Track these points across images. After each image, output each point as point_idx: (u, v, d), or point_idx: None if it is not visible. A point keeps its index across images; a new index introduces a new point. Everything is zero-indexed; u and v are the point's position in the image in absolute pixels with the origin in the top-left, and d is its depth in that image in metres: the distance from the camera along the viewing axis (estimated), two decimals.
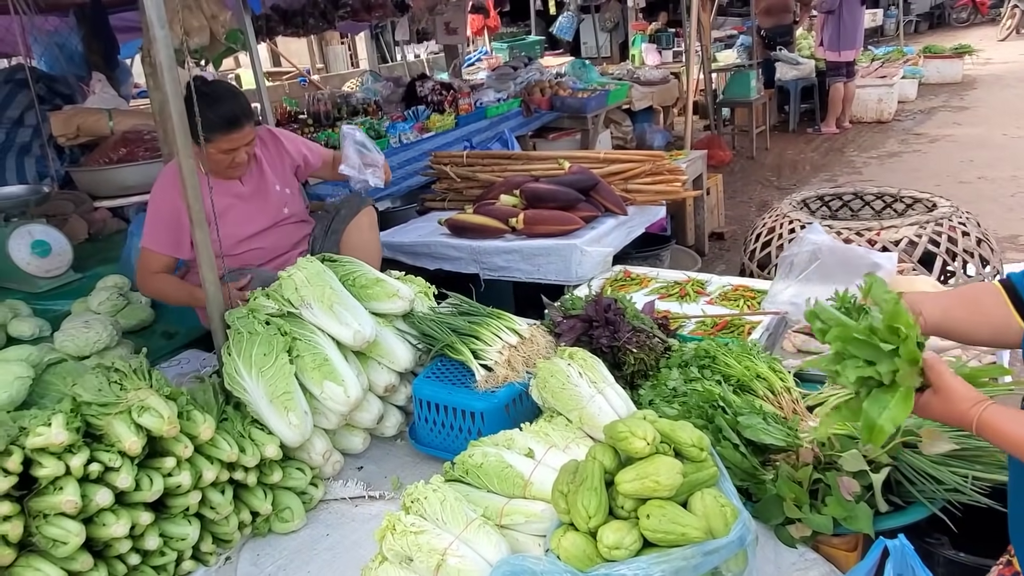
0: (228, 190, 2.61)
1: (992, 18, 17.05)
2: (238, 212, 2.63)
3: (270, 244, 2.72)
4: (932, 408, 1.20)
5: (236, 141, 2.46)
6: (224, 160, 2.49)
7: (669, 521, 1.27)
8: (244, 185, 2.65)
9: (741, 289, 2.73)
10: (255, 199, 2.68)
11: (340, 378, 1.89)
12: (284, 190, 2.76)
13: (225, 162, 2.51)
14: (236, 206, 2.63)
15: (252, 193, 2.68)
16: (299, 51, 13.06)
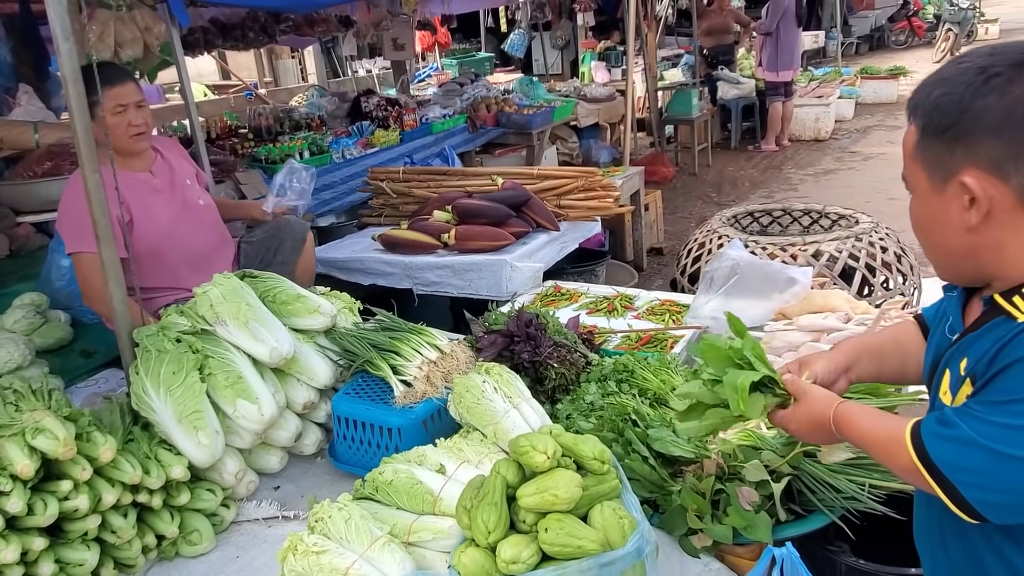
0: (143, 184, 2.63)
1: (928, 41, 17.75)
2: (155, 203, 2.65)
3: (191, 239, 2.71)
4: (799, 416, 1.25)
5: (123, 96, 2.48)
6: (120, 123, 2.50)
7: (566, 534, 1.28)
8: (155, 177, 2.69)
9: (668, 304, 2.78)
10: (168, 189, 2.72)
11: (254, 396, 1.86)
12: (194, 186, 2.80)
13: (122, 125, 2.50)
14: (151, 198, 2.65)
15: (164, 184, 2.71)
16: (248, 65, 12.91)
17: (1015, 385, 0.92)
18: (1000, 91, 0.92)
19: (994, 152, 0.93)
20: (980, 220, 0.97)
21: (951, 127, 0.96)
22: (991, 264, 1.00)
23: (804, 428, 1.26)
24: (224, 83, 11.93)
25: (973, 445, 0.95)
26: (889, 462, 1.10)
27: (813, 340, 2.18)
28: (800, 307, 2.36)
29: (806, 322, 2.26)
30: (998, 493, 0.95)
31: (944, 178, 0.99)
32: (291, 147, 5.15)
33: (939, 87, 0.98)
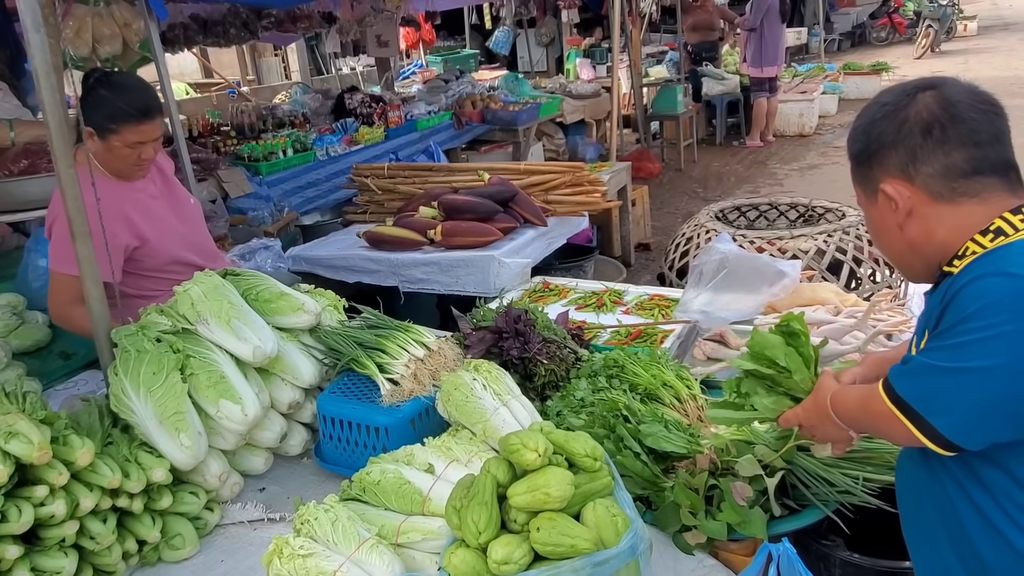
0: (141, 189, 2.46)
1: (909, 37, 17.90)
2: (157, 210, 2.48)
3: (193, 237, 2.56)
4: (809, 401, 1.32)
5: (146, 134, 2.30)
6: (130, 156, 2.32)
7: (559, 533, 1.26)
8: (149, 183, 2.51)
9: (657, 299, 2.76)
10: (165, 196, 2.55)
11: (237, 396, 1.81)
12: (184, 188, 2.67)
13: (131, 158, 2.33)
14: (152, 206, 2.48)
15: (161, 191, 2.55)
16: (231, 63, 12.78)
17: (957, 310, 1.06)
18: (890, 116, 1.19)
19: (896, 160, 1.17)
20: (905, 218, 1.18)
21: (865, 150, 1.23)
22: (930, 252, 1.19)
23: (814, 418, 1.31)
24: (207, 81, 11.82)
25: (930, 371, 1.08)
26: (875, 422, 1.20)
27: None
28: (789, 300, 2.35)
29: None
30: (962, 412, 1.06)
31: (872, 191, 1.23)
32: (274, 144, 5.10)
33: (855, 123, 1.27)
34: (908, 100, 1.17)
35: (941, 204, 1.16)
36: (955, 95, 1.15)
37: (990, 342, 1.03)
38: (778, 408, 1.35)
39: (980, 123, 1.14)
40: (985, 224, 1.13)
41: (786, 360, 1.34)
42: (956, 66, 14.27)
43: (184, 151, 3.32)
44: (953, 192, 1.15)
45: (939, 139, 1.14)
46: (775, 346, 1.35)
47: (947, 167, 1.14)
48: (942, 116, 1.14)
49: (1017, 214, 1.12)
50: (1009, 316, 1.02)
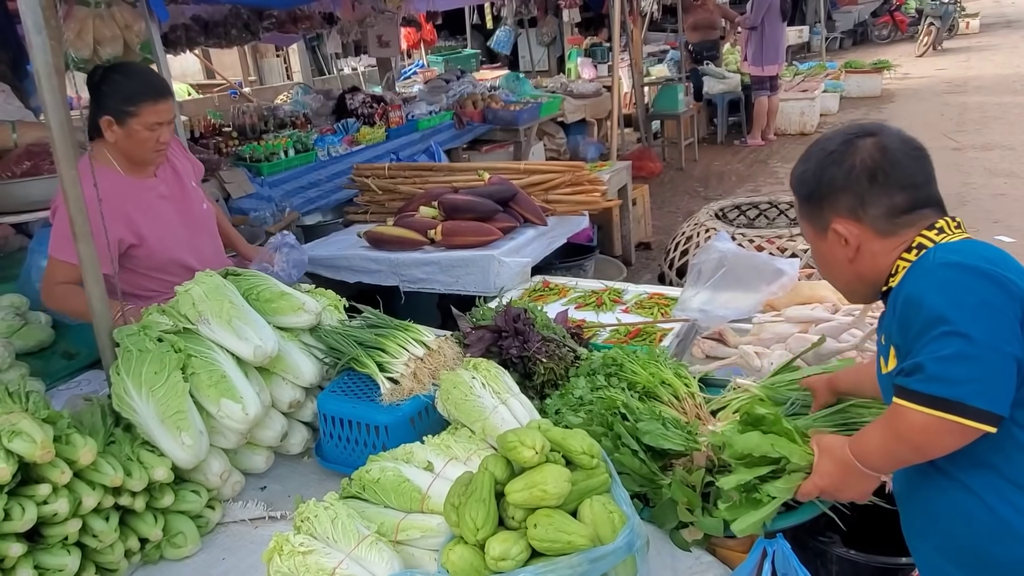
0: (149, 191, 2.47)
1: (911, 35, 17.89)
2: (164, 210, 2.48)
3: (194, 245, 2.55)
4: (824, 466, 1.32)
5: (162, 114, 2.33)
6: (148, 139, 2.33)
7: (556, 530, 1.27)
8: (162, 182, 2.52)
9: (656, 297, 2.77)
10: (176, 199, 2.55)
11: (238, 395, 1.83)
12: (197, 188, 2.65)
13: (149, 141, 2.34)
14: (159, 205, 2.48)
15: (171, 190, 2.55)
16: (233, 64, 12.81)
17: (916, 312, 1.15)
18: (838, 163, 1.31)
19: (846, 203, 1.30)
20: (855, 253, 1.32)
21: (814, 192, 1.35)
22: (874, 279, 1.33)
23: (837, 479, 1.31)
24: (209, 82, 11.84)
25: (949, 361, 1.10)
26: (916, 442, 1.17)
27: (801, 331, 2.18)
28: (788, 298, 2.35)
29: (794, 313, 2.26)
30: (994, 381, 1.10)
31: (822, 228, 1.35)
32: (276, 145, 5.11)
33: (801, 166, 1.39)
34: (852, 148, 1.30)
35: (885, 239, 1.30)
36: (891, 143, 1.29)
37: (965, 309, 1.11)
38: (792, 485, 1.33)
39: (915, 167, 1.29)
40: (909, 243, 1.28)
41: (777, 450, 1.33)
42: (958, 63, 14.27)
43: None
44: (895, 227, 1.29)
45: (883, 184, 1.28)
46: (759, 444, 1.34)
47: (890, 208, 1.28)
48: (884, 163, 1.28)
49: (932, 230, 1.27)
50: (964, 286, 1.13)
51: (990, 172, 7.09)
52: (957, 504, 1.23)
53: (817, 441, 1.33)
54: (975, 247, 1.22)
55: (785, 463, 1.29)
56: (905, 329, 1.18)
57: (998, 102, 10.25)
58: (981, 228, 5.68)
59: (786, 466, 1.29)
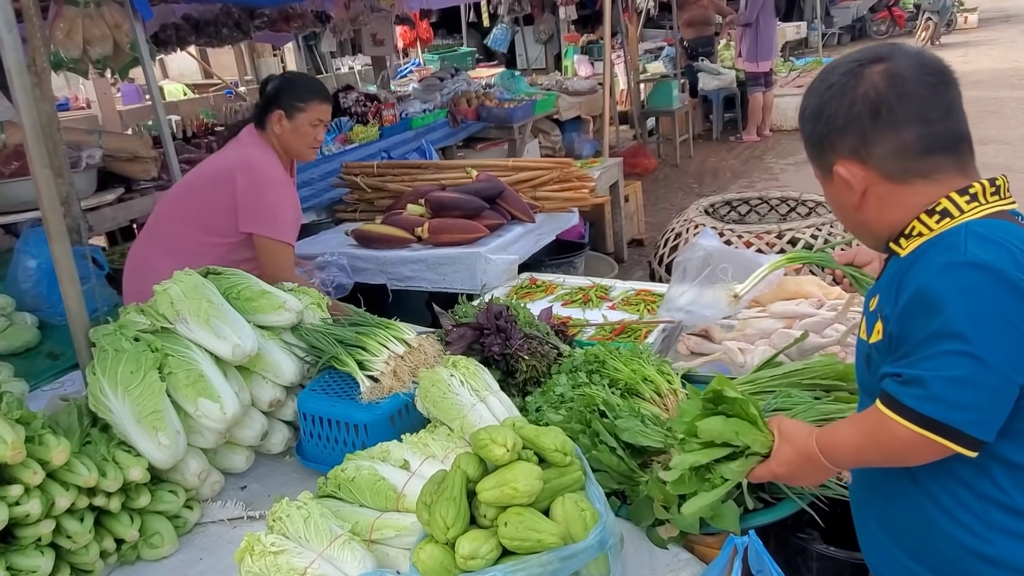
0: None
1: (909, 30, 17.83)
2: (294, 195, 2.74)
3: None
4: (784, 453, 1.23)
5: (325, 113, 2.68)
6: (309, 135, 2.65)
7: (526, 528, 1.26)
8: None
9: (643, 294, 2.76)
10: None
11: (216, 394, 1.82)
12: None
13: (309, 137, 2.66)
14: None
15: None
16: (230, 63, 12.79)
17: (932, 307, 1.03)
18: (838, 98, 1.16)
19: (849, 143, 1.16)
20: (860, 197, 1.18)
21: (815, 132, 1.21)
22: (880, 230, 1.21)
23: (795, 467, 1.22)
24: (206, 82, 11.83)
25: (949, 383, 1.02)
26: (892, 451, 1.10)
27: (785, 327, 2.17)
28: (773, 294, 2.34)
29: (779, 309, 2.25)
30: (987, 409, 1.03)
31: (827, 170, 1.22)
32: None
33: (804, 101, 1.24)
34: (855, 78, 1.14)
35: (894, 184, 1.15)
36: (903, 69, 1.12)
37: (986, 328, 1.00)
38: (746, 468, 1.26)
39: (928, 98, 1.12)
40: (932, 204, 1.12)
41: (740, 439, 1.24)
42: (956, 58, 14.21)
43: (172, 153, 3.32)
44: (906, 173, 1.14)
45: (888, 120, 1.12)
46: (722, 431, 1.25)
47: (898, 148, 1.13)
48: (890, 96, 1.11)
49: (963, 195, 1.11)
50: (991, 300, 1.01)
51: (984, 167, 6.88)
52: (920, 510, 1.18)
53: (778, 425, 1.25)
54: (1011, 238, 1.06)
55: (744, 448, 1.24)
56: (910, 325, 1.07)
57: (994, 97, 10.22)
58: None
59: (744, 450, 1.24)
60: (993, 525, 1.12)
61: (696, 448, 1.25)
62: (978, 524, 1.12)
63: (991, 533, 1.12)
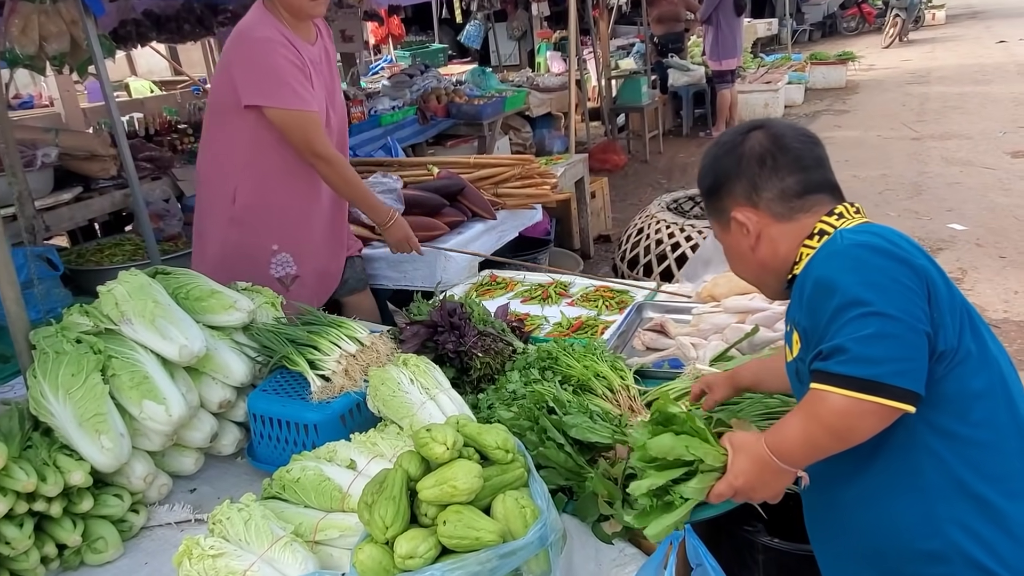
0: (310, 51, 2.54)
1: (878, 27, 18.07)
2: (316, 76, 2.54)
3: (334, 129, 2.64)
4: (740, 464, 1.22)
5: None
6: None
7: (464, 526, 1.25)
8: (317, 52, 2.58)
9: (602, 290, 2.76)
10: (325, 70, 2.62)
11: (161, 396, 1.79)
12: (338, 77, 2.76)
13: None
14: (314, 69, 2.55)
15: (322, 61, 2.62)
16: (200, 60, 12.61)
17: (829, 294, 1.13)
18: (730, 153, 1.34)
19: (741, 189, 1.32)
20: (756, 240, 1.32)
21: (713, 184, 1.37)
22: (778, 267, 1.32)
23: (753, 477, 1.21)
24: (174, 79, 11.65)
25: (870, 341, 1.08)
26: (838, 427, 1.12)
27: (738, 321, 2.18)
28: (727, 288, 2.36)
29: (732, 304, 2.26)
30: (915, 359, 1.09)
31: (725, 221, 1.36)
32: None
33: (702, 162, 1.41)
34: (743, 138, 1.33)
35: (783, 223, 1.30)
36: (780, 130, 1.33)
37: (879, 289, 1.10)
38: (705, 485, 1.23)
39: (803, 151, 1.31)
40: (810, 230, 1.28)
41: (691, 452, 1.23)
42: (923, 54, 14.45)
43: (126, 153, 3.25)
44: (791, 211, 1.29)
45: (772, 167, 1.30)
46: (673, 447, 1.23)
47: (783, 190, 1.29)
48: (772, 147, 1.30)
49: (831, 216, 1.28)
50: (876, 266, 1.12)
51: (947, 161, 7.19)
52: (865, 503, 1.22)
53: (730, 439, 1.25)
54: (877, 229, 1.22)
55: (699, 464, 1.22)
56: (816, 313, 1.15)
57: (959, 92, 10.40)
58: (935, 216, 5.76)
59: (699, 467, 1.22)
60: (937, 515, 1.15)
61: (652, 472, 1.23)
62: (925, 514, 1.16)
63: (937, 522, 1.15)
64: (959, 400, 1.15)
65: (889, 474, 1.19)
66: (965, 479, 1.14)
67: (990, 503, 1.14)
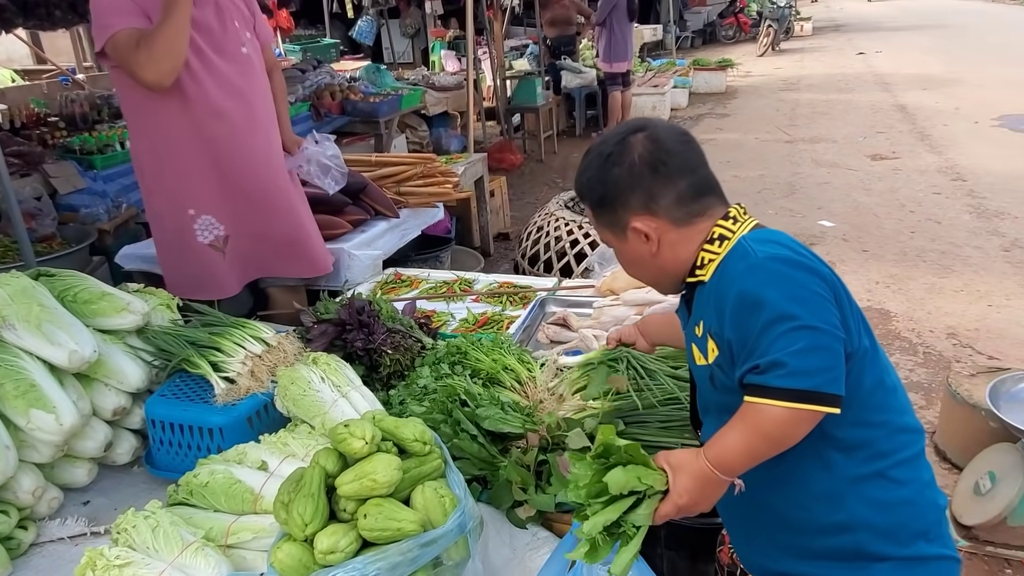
0: None
1: (753, 36, 19.20)
2: None
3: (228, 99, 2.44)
4: (683, 483, 1.23)
5: None
6: None
7: (385, 518, 1.27)
8: (196, 7, 2.33)
9: (506, 286, 2.83)
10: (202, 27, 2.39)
11: (51, 405, 1.69)
12: (244, 33, 2.50)
13: None
14: None
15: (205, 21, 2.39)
16: (67, 48, 11.73)
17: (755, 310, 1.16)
18: (617, 163, 1.32)
19: (638, 199, 1.31)
20: (657, 247, 1.33)
21: (604, 197, 1.35)
22: (677, 270, 1.35)
23: (695, 493, 1.22)
24: (38, 68, 10.78)
25: (803, 353, 1.13)
26: (775, 435, 1.18)
27: (636, 313, 2.30)
28: (626, 282, 2.47)
29: (631, 297, 2.38)
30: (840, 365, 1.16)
31: (621, 229, 1.35)
32: (111, 136, 4.76)
33: (585, 174, 1.38)
34: (626, 146, 1.32)
35: (681, 228, 1.32)
36: (661, 134, 1.33)
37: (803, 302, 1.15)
38: (651, 510, 1.22)
39: (687, 152, 1.33)
40: (708, 234, 1.31)
41: (644, 483, 1.22)
42: (793, 63, 15.49)
43: None
44: (688, 216, 1.32)
45: (665, 173, 1.30)
46: (627, 482, 1.22)
47: (679, 196, 1.31)
48: (659, 153, 1.30)
49: (727, 220, 1.32)
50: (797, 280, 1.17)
51: (816, 163, 7.76)
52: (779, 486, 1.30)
53: (666, 459, 1.25)
54: (777, 236, 1.26)
55: (647, 491, 1.22)
56: (744, 327, 1.18)
57: (825, 99, 11.23)
58: (807, 214, 6.22)
59: (647, 492, 1.22)
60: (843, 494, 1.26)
61: (600, 508, 1.21)
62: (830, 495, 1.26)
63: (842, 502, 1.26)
64: (857, 391, 1.23)
65: (799, 460, 1.26)
66: (861, 456, 1.26)
67: (884, 474, 1.26)
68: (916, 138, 8.57)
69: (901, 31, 20.38)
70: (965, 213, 6.04)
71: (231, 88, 2.46)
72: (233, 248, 2.60)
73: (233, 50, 2.49)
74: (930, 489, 1.31)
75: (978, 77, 12.15)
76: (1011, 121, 9.05)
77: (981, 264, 5.02)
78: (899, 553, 1.27)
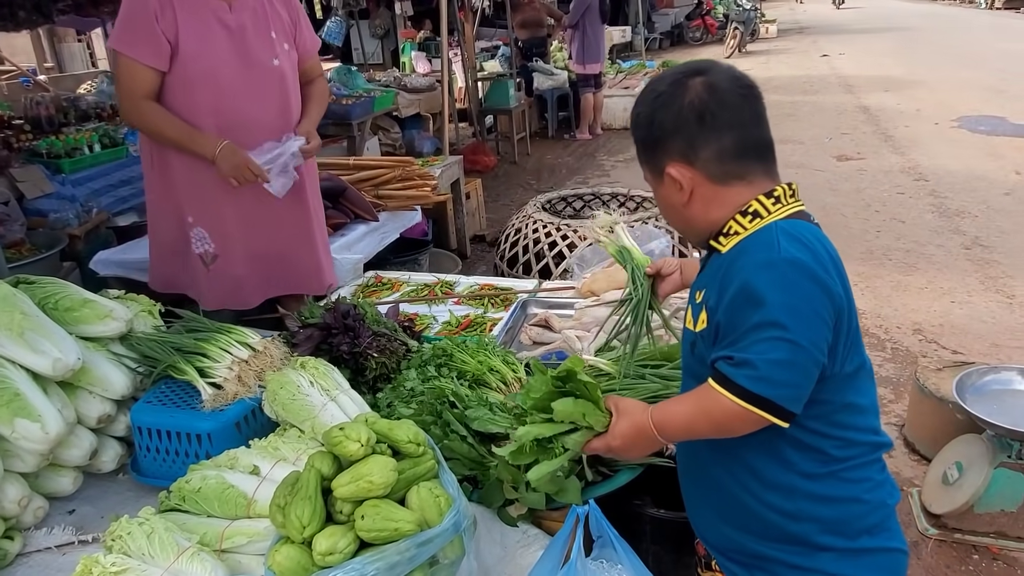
0: (211, 10, 2.30)
1: (720, 38, 19.46)
2: (216, 37, 2.30)
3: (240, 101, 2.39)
4: (621, 427, 1.31)
5: None
6: None
7: (382, 519, 1.29)
8: (232, 12, 2.32)
9: (487, 288, 2.85)
10: (237, 36, 2.36)
11: (36, 413, 1.68)
12: (278, 43, 2.44)
13: None
14: (214, 29, 2.31)
15: (236, 26, 2.36)
16: (25, 47, 11.47)
17: (754, 306, 1.17)
18: (667, 106, 1.27)
19: (678, 147, 1.27)
20: (689, 197, 1.30)
21: (648, 136, 1.32)
22: (703, 228, 1.33)
23: (628, 441, 1.31)
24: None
25: (774, 365, 1.16)
26: (721, 423, 1.23)
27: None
28: (606, 283, 2.52)
29: (611, 297, 2.42)
30: (804, 385, 1.20)
31: (658, 172, 1.32)
32: (79, 139, 4.69)
33: (635, 109, 1.35)
34: (681, 88, 1.26)
35: (716, 185, 1.27)
36: (720, 82, 1.26)
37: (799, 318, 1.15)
38: (584, 440, 1.35)
39: (742, 108, 1.26)
40: (745, 205, 1.26)
41: (587, 420, 1.33)
42: (759, 65, 15.74)
43: None
44: (726, 175, 1.27)
45: (711, 125, 1.24)
46: (572, 412, 1.33)
47: (720, 150, 1.25)
48: (711, 103, 1.24)
49: (770, 198, 1.26)
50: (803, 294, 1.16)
51: (785, 164, 7.72)
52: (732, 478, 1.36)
53: (615, 403, 1.33)
54: (809, 236, 1.23)
55: (585, 425, 1.33)
56: (736, 316, 1.20)
57: (791, 101, 11.44)
58: None
59: (585, 426, 1.32)
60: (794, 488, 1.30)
61: (540, 421, 1.31)
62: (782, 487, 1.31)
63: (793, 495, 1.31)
64: (824, 407, 1.26)
65: (756, 450, 1.31)
66: (816, 458, 1.30)
67: (836, 475, 1.30)
68: (880, 139, 8.79)
69: (863, 33, 20.84)
70: (928, 212, 6.22)
71: (246, 99, 2.44)
72: (222, 270, 2.59)
73: (263, 60, 2.45)
74: (881, 488, 1.34)
75: (937, 79, 12.49)
76: (968, 122, 9.33)
77: (944, 262, 5.18)
78: (844, 545, 1.31)
